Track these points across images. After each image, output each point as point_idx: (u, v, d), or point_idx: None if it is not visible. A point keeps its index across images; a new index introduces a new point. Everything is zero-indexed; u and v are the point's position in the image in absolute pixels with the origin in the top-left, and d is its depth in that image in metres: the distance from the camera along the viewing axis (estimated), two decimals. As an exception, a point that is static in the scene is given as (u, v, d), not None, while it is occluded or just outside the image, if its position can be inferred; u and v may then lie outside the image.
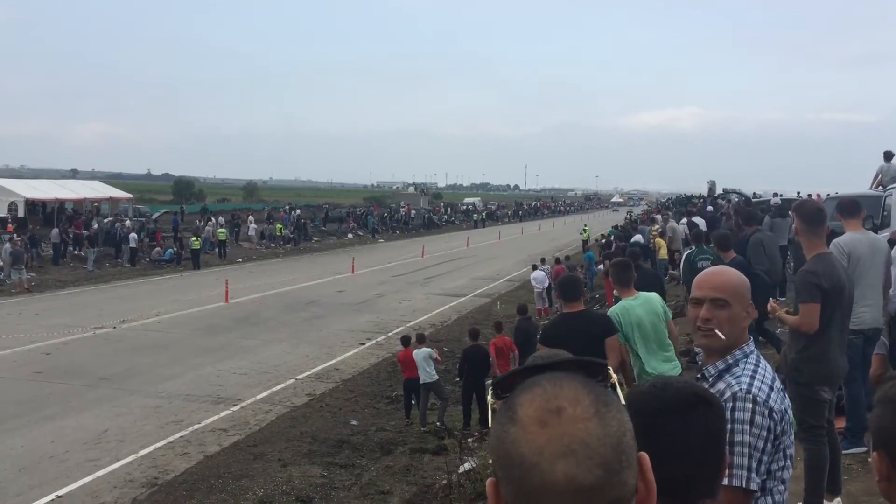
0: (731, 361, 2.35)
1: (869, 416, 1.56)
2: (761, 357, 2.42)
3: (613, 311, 5.89)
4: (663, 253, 14.63)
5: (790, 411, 2.32)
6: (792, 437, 2.30)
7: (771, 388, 2.26)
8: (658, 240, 15.75)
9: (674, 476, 1.48)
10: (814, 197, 24.41)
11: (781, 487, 2.25)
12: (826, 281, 4.78)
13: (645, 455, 0.97)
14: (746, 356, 2.36)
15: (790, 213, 8.07)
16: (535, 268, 24.44)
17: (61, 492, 9.38)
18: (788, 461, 2.28)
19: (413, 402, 12.94)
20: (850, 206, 6.06)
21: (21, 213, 37.74)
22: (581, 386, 0.95)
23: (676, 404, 1.53)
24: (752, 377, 2.28)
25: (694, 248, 10.68)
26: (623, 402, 0.98)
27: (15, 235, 28.41)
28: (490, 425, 0.99)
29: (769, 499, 2.19)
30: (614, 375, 1.02)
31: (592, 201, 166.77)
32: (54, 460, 10.40)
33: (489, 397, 1.03)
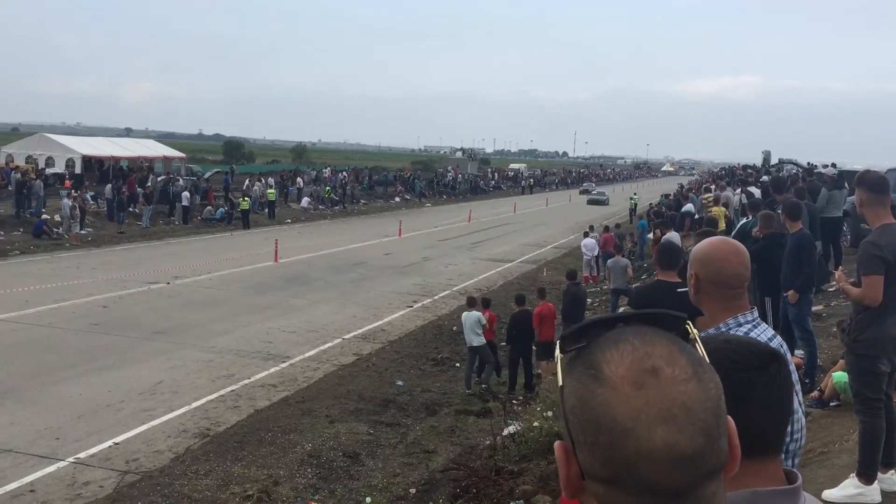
0: (723, 329, 2.37)
1: None
2: (756, 328, 2.37)
3: None
4: (721, 224, 14.18)
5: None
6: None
7: None
8: (716, 209, 15.30)
9: (762, 431, 1.46)
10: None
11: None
12: (890, 252, 4.65)
13: (731, 420, 0.89)
14: (740, 325, 2.38)
15: (853, 184, 7.83)
16: (586, 235, 24.30)
17: (118, 439, 9.69)
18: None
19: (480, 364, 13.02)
20: None
21: (78, 170, 38.62)
22: (672, 343, 0.87)
23: (758, 359, 1.51)
24: None
25: (751, 217, 10.47)
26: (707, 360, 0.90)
27: (72, 191, 29.09)
28: (561, 381, 0.89)
29: None
30: (694, 330, 0.94)
31: (642, 170, 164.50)
32: (111, 409, 10.74)
33: (556, 351, 0.92)
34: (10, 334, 14.07)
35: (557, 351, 0.92)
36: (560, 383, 0.89)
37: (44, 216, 27.34)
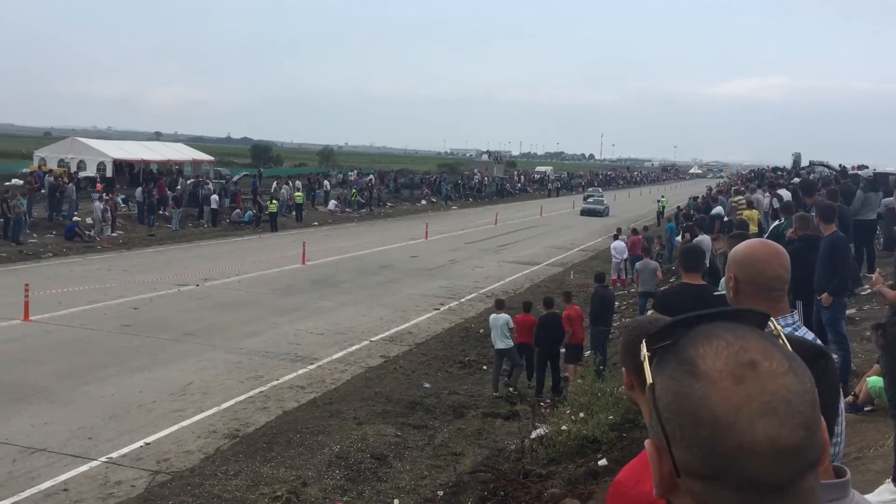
0: None
1: None
2: (797, 332, 2.30)
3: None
4: (753, 227, 13.97)
5: None
6: None
7: None
8: (747, 212, 15.07)
9: None
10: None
11: None
12: None
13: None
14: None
15: (889, 187, 7.71)
16: (615, 237, 24.19)
17: (149, 439, 9.80)
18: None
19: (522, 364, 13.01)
20: None
21: (109, 173, 39.15)
22: (763, 338, 0.88)
23: (808, 355, 1.50)
24: None
25: (783, 220, 10.36)
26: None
27: (104, 194, 29.49)
28: (651, 379, 0.90)
29: None
30: (778, 327, 0.95)
31: (669, 172, 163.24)
32: (142, 409, 10.86)
33: (643, 349, 0.93)
34: (44, 335, 14.29)
35: (644, 349, 0.92)
36: (650, 381, 0.90)
37: (76, 219, 27.71)
